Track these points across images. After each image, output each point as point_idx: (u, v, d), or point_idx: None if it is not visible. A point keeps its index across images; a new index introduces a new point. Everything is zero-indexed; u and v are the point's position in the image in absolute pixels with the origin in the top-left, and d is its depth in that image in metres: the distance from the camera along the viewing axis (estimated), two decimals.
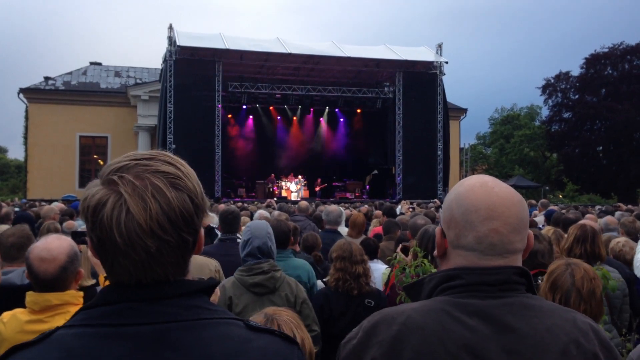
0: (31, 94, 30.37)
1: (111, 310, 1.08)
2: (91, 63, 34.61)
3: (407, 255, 3.86)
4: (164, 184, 1.08)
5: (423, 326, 1.29)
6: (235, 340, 1.09)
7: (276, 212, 8.22)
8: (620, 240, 5.10)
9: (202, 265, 4.09)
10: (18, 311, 2.55)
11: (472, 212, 1.35)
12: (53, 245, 2.58)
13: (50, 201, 16.80)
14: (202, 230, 1.18)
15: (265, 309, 2.20)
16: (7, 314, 2.55)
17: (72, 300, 2.58)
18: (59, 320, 2.45)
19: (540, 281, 3.18)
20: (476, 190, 1.38)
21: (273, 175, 26.43)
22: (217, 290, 2.50)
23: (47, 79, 31.68)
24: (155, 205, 1.05)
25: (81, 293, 2.66)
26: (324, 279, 4.35)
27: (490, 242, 1.33)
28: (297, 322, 2.15)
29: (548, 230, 4.54)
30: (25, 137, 30.95)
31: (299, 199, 23.26)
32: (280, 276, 3.53)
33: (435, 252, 1.49)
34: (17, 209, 13.92)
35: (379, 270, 4.76)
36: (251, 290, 3.43)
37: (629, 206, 14.77)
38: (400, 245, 4.14)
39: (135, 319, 1.06)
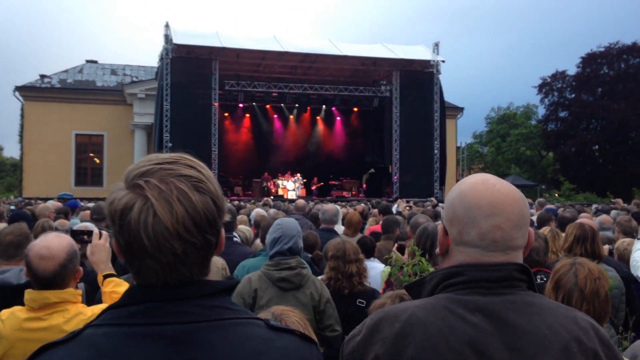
0: (27, 91, 30.29)
1: (138, 309, 1.11)
2: (87, 61, 34.53)
3: (403, 254, 3.85)
4: (188, 188, 1.11)
5: (426, 323, 1.30)
6: (257, 340, 1.13)
7: (272, 211, 8.22)
8: (625, 240, 5.10)
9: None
10: (16, 309, 2.55)
11: (475, 208, 1.37)
12: (53, 243, 2.58)
13: (46, 199, 16.77)
14: (223, 231, 1.22)
15: (272, 308, 2.21)
16: (5, 312, 2.55)
17: (71, 299, 2.58)
18: (58, 318, 2.49)
19: (539, 280, 3.17)
20: (478, 187, 1.40)
21: (267, 173, 26.41)
22: None
23: (43, 76, 31.59)
24: (180, 209, 1.08)
25: (80, 291, 2.66)
26: (320, 277, 4.34)
27: (493, 238, 1.35)
28: (305, 323, 2.15)
29: (544, 230, 4.53)
30: (21, 135, 30.87)
31: (295, 197, 23.26)
32: (306, 273, 3.56)
33: (437, 250, 1.50)
34: (12, 207, 13.90)
35: (375, 269, 4.74)
36: (277, 284, 3.45)
37: (625, 205, 14.79)
38: (396, 245, 4.12)
39: (162, 318, 1.10)
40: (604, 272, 2.58)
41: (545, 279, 2.73)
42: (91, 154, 31.38)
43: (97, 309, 2.56)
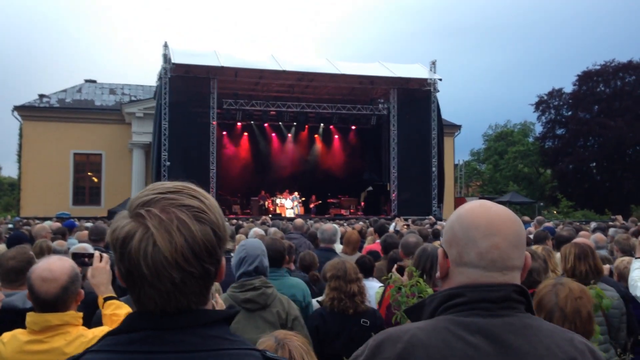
0: (25, 111, 30.36)
1: (137, 337, 1.12)
2: (86, 80, 34.68)
3: (402, 275, 3.85)
4: (189, 218, 1.13)
5: (427, 344, 1.33)
6: None
7: (272, 230, 8.21)
8: (624, 259, 5.10)
9: None
10: (18, 331, 2.56)
11: (473, 228, 1.42)
12: (55, 266, 2.60)
13: (44, 219, 16.73)
14: (224, 260, 1.24)
15: (275, 332, 2.20)
16: (7, 335, 2.56)
17: (72, 321, 2.58)
18: (59, 341, 2.49)
19: None
20: (476, 210, 1.46)
21: (264, 191, 26.40)
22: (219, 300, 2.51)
23: (41, 96, 31.69)
24: (180, 239, 1.10)
25: (81, 314, 2.67)
26: (318, 299, 4.33)
27: (492, 257, 1.39)
28: (307, 347, 2.15)
29: (537, 248, 4.54)
30: (19, 155, 30.89)
31: (294, 215, 23.23)
32: (271, 292, 3.53)
33: (437, 274, 1.53)
34: (10, 226, 13.86)
35: (374, 288, 4.74)
36: (243, 306, 3.43)
37: (623, 222, 14.80)
38: (395, 265, 4.12)
39: (160, 347, 1.11)
40: (588, 292, 2.60)
41: None
42: (89, 173, 31.37)
43: (98, 331, 2.56)
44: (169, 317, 1.13)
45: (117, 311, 2.74)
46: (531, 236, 9.43)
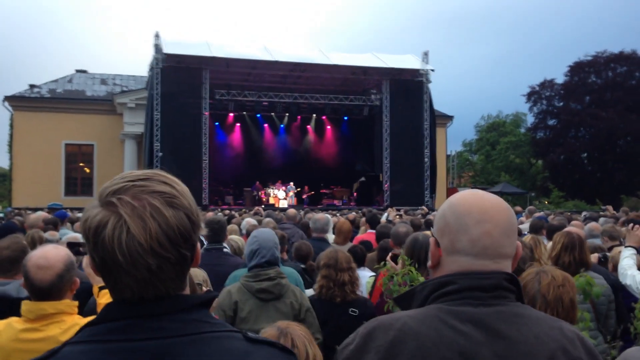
0: (16, 101, 30.14)
1: (116, 326, 1.12)
2: (77, 71, 34.43)
3: (396, 264, 3.87)
4: (161, 204, 1.12)
5: (418, 332, 1.33)
6: (235, 353, 1.13)
7: (266, 220, 8.22)
8: (620, 248, 5.13)
9: (191, 275, 4.08)
10: (13, 320, 2.56)
11: (466, 215, 1.42)
12: (50, 254, 2.61)
13: (35, 209, 16.65)
14: (199, 245, 1.23)
15: (277, 322, 2.22)
16: (2, 323, 2.56)
17: (67, 310, 2.59)
18: (54, 329, 2.50)
19: None
20: (468, 198, 1.47)
21: (257, 182, 26.39)
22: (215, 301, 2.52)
23: (32, 86, 31.45)
24: (154, 225, 1.10)
25: (76, 303, 2.68)
26: (313, 287, 4.35)
27: (483, 244, 1.39)
28: (309, 337, 2.17)
29: (526, 237, 4.58)
30: (10, 145, 30.67)
31: (287, 206, 23.25)
32: (285, 283, 3.57)
33: (429, 263, 1.53)
34: (1, 215, 13.82)
35: (365, 277, 4.78)
36: (257, 295, 3.47)
37: (614, 212, 14.90)
38: (390, 254, 4.15)
39: (139, 334, 1.10)
40: (570, 280, 2.63)
41: None
42: (81, 164, 31.22)
43: None
44: (147, 305, 1.12)
45: None
46: (522, 226, 9.55)
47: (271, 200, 25.69)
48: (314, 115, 28.38)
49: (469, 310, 1.35)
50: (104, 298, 2.78)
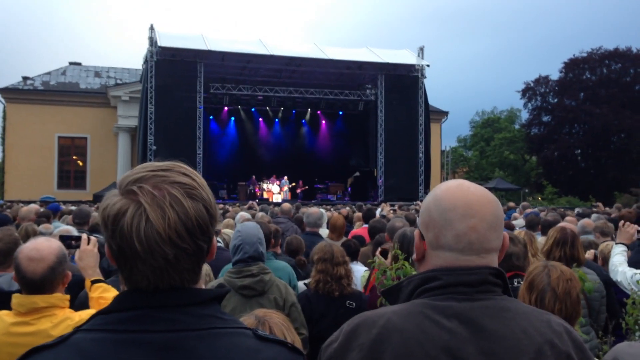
0: (9, 94, 29.99)
1: (128, 316, 1.12)
2: (70, 63, 34.30)
3: (386, 258, 3.88)
4: (181, 194, 1.13)
5: (402, 329, 1.31)
6: (244, 351, 1.14)
7: (260, 214, 8.21)
8: (609, 243, 5.15)
9: None
10: (4, 313, 2.54)
11: (450, 210, 1.38)
12: (42, 246, 2.58)
13: (28, 202, 16.57)
14: (215, 238, 1.23)
15: (255, 311, 2.20)
16: None
17: (59, 303, 2.57)
18: (45, 323, 2.47)
19: (516, 283, 3.21)
20: (453, 191, 1.42)
21: (254, 177, 26.37)
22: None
23: (25, 78, 31.31)
24: (173, 215, 1.10)
25: (68, 296, 2.65)
26: (305, 281, 4.35)
27: (469, 239, 1.36)
28: (287, 324, 2.16)
29: (520, 233, 4.59)
30: (3, 138, 30.54)
31: (281, 200, 23.25)
32: (269, 279, 3.54)
33: (414, 256, 1.50)
34: None
35: (359, 272, 4.78)
36: (240, 292, 3.44)
37: (606, 208, 14.97)
38: (379, 249, 4.15)
39: (151, 326, 1.10)
40: (575, 275, 2.64)
41: (521, 282, 2.79)
42: (74, 157, 31.14)
43: (85, 314, 2.55)
44: (162, 295, 1.13)
45: (104, 294, 2.73)
46: (515, 222, 9.58)
47: (265, 195, 25.68)
48: (309, 109, 28.38)
49: (454, 306, 1.32)
50: (96, 292, 2.76)
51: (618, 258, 4.52)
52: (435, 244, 1.41)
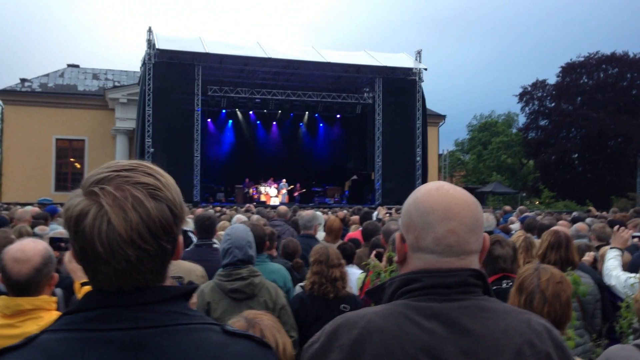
0: (7, 95, 29.96)
1: (93, 315, 1.11)
2: (69, 65, 34.26)
3: (381, 261, 3.88)
4: (144, 195, 1.12)
5: (383, 330, 1.32)
6: (212, 346, 1.13)
7: (255, 217, 8.21)
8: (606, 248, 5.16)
9: (189, 270, 4.13)
10: None
11: (430, 213, 1.40)
12: (28, 247, 2.56)
13: (25, 204, 16.55)
14: (181, 238, 1.22)
15: (244, 313, 2.19)
16: None
17: (45, 306, 2.54)
18: (31, 326, 2.43)
19: (505, 285, 3.22)
20: (433, 193, 1.44)
21: (247, 179, 26.33)
22: (195, 296, 2.49)
23: (23, 80, 31.28)
24: (135, 216, 1.09)
25: (54, 298, 2.63)
26: (301, 284, 4.36)
27: (448, 242, 1.37)
28: (278, 326, 2.15)
29: (518, 237, 4.58)
30: (1, 140, 30.50)
31: (278, 203, 23.23)
32: (259, 282, 3.53)
33: (395, 258, 1.52)
34: None
35: (354, 274, 4.78)
36: (230, 295, 3.45)
37: (604, 213, 14.99)
38: (374, 252, 4.16)
39: (117, 324, 1.10)
40: (566, 278, 2.65)
41: (511, 284, 2.79)
42: (72, 159, 31.11)
43: None
44: (126, 295, 1.12)
45: None
46: (512, 226, 9.59)
47: (262, 198, 25.66)
48: (307, 112, 28.38)
49: (434, 306, 1.33)
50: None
51: (612, 262, 4.54)
52: (416, 246, 1.42)
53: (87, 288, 2.75)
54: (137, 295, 1.13)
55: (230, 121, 28.02)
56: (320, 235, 6.85)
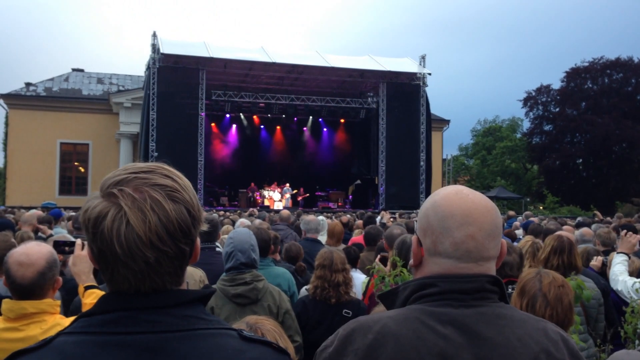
0: (12, 99, 30.06)
1: (110, 318, 1.11)
2: (73, 69, 34.37)
3: (385, 265, 3.87)
4: (162, 197, 1.12)
5: (398, 335, 1.30)
6: (228, 351, 1.12)
7: (257, 221, 8.21)
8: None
9: (188, 275, 4.07)
10: None
11: (449, 217, 1.38)
12: (32, 251, 2.55)
13: (29, 208, 16.60)
14: (198, 240, 1.22)
15: (246, 318, 2.18)
16: None
17: (49, 309, 2.53)
18: (34, 329, 2.43)
19: (510, 290, 3.21)
20: (452, 198, 1.41)
21: (253, 183, 26.35)
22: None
23: (28, 84, 31.38)
24: (154, 218, 1.09)
25: (58, 302, 2.62)
26: (307, 287, 4.34)
27: (467, 248, 1.36)
28: (280, 330, 2.14)
29: (526, 242, 4.56)
30: (5, 144, 30.59)
31: (282, 207, 23.23)
32: (262, 287, 3.51)
33: (411, 262, 1.49)
34: None
35: (358, 279, 4.76)
36: (233, 300, 3.42)
37: (608, 218, 14.95)
38: (379, 256, 4.14)
39: (134, 327, 1.09)
40: (568, 282, 2.64)
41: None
42: (76, 163, 31.15)
43: None
44: (143, 297, 1.12)
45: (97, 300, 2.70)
46: (517, 231, 9.57)
47: (266, 202, 25.66)
48: (311, 117, 28.38)
49: (450, 312, 1.31)
50: (89, 298, 2.73)
51: (619, 267, 4.52)
52: (433, 250, 1.40)
53: (91, 291, 2.75)
54: (154, 298, 1.12)
55: (234, 125, 28.05)
56: (322, 239, 6.84)
